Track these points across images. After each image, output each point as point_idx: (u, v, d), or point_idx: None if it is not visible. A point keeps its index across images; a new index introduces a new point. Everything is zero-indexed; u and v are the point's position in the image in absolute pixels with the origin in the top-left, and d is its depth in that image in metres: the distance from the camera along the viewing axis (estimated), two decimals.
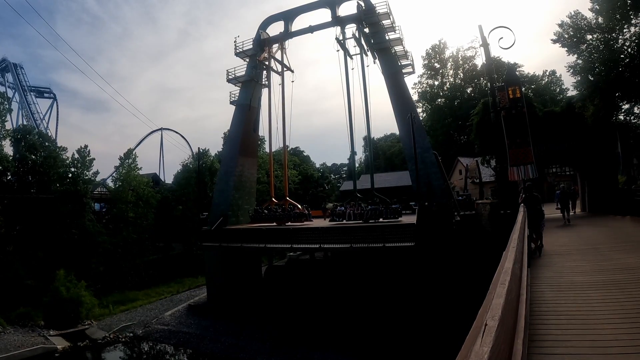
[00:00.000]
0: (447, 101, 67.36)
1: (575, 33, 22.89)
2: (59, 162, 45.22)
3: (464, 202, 32.20)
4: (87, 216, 44.46)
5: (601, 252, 12.89)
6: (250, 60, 38.14)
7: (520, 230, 7.04)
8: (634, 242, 14.26)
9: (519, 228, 7.18)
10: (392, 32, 33.51)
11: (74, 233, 42.08)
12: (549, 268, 11.26)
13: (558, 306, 7.77)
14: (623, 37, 22.74)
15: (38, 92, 77.26)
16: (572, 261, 11.92)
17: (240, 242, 31.35)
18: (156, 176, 74.05)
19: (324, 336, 25.87)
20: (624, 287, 8.66)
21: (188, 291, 41.61)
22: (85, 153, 46.52)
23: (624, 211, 22.55)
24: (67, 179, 45.02)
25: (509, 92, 13.52)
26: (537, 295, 8.62)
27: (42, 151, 44.78)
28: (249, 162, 38.67)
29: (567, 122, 27.98)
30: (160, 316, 34.47)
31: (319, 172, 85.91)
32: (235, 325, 29.77)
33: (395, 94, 31.51)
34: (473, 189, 44.48)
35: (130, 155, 50.97)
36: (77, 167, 45.90)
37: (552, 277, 10.15)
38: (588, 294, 8.49)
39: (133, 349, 29.91)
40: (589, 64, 22.66)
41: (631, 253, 12.20)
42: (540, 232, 13.63)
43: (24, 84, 74.86)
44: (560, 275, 10.39)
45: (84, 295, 34.25)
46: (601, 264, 11.12)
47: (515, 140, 13.81)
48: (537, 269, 11.28)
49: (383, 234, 26.11)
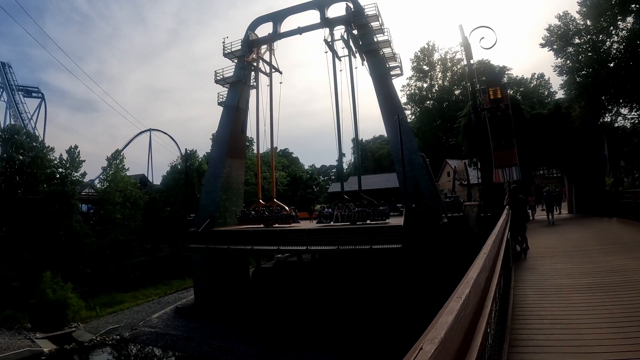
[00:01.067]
0: (435, 103, 67.24)
1: (563, 34, 22.69)
2: (46, 162, 44.45)
3: (452, 204, 32.01)
4: (74, 217, 43.63)
5: (588, 254, 12.60)
6: (239, 61, 37.63)
7: (498, 235, 6.70)
8: (620, 244, 13.99)
9: (496, 232, 6.83)
10: (380, 34, 33.20)
11: (61, 234, 41.32)
12: (533, 271, 10.95)
13: (542, 309, 7.45)
14: (610, 40, 22.61)
15: (26, 91, 76.13)
16: (557, 263, 11.62)
17: (227, 244, 30.90)
18: (144, 177, 73.27)
19: (313, 338, 25.54)
20: (611, 290, 8.37)
21: (175, 293, 40.87)
22: (75, 154, 45.67)
23: (610, 213, 22.33)
24: (54, 180, 44.12)
25: (490, 93, 13.20)
26: (520, 298, 8.30)
27: (30, 151, 43.97)
28: (236, 164, 38.16)
29: (554, 125, 27.76)
30: (147, 318, 33.96)
31: (307, 173, 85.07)
32: (223, 328, 29.46)
33: (383, 95, 31.20)
34: (461, 190, 44.28)
35: (118, 156, 50.16)
36: (66, 168, 45.07)
37: (536, 280, 9.83)
38: (573, 297, 8.18)
39: (120, 352, 29.36)
40: (576, 65, 22.47)
41: (618, 255, 11.92)
42: (525, 234, 13.35)
43: (12, 83, 73.65)
44: (545, 277, 10.08)
45: (70, 298, 33.64)
46: (587, 267, 10.82)
47: (500, 142, 13.52)
48: (522, 271, 10.96)
49: (370, 236, 25.83)
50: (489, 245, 5.01)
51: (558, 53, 23.30)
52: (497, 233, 6.00)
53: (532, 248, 13.60)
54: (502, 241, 7.36)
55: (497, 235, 6.93)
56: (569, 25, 22.85)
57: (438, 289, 23.83)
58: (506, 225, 9.06)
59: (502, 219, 9.71)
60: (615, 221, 20.91)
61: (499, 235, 7.39)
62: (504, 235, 7.26)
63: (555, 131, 27.74)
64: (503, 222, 9.35)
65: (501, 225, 7.63)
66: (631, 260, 10.95)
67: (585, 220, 23.42)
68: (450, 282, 3.62)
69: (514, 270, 10.63)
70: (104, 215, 47.24)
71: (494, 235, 6.78)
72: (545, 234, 18.56)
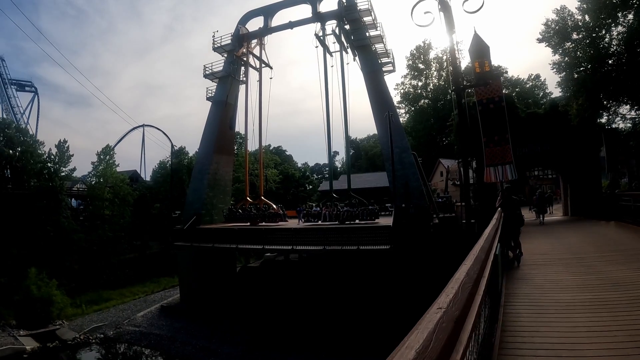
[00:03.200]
0: (430, 102, 65.64)
1: (561, 29, 21.31)
2: (35, 157, 43.18)
3: (444, 205, 30.70)
4: (62, 213, 42.33)
5: (587, 263, 11.15)
6: (228, 56, 36.23)
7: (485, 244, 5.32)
8: (621, 252, 12.51)
9: (482, 242, 5.43)
10: (373, 29, 31.77)
11: (49, 230, 40.17)
12: (527, 282, 9.51)
13: (536, 334, 6.04)
14: (610, 35, 21.26)
15: (19, 85, 74.10)
16: (554, 274, 10.17)
17: (212, 242, 29.60)
18: (136, 173, 71.97)
19: (299, 339, 24.66)
20: (615, 309, 6.97)
21: (163, 291, 39.76)
22: (64, 148, 44.37)
23: (608, 216, 20.89)
24: (43, 175, 42.80)
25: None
26: (512, 318, 6.87)
27: (20, 146, 42.80)
28: (224, 160, 36.76)
29: (550, 124, 26.42)
30: (132, 317, 33.10)
31: (300, 171, 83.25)
32: (207, 328, 28.65)
33: (374, 92, 29.82)
34: (454, 190, 43.08)
35: (108, 152, 48.70)
36: (54, 163, 43.75)
37: (530, 295, 8.39)
38: (573, 317, 6.78)
39: (103, 351, 28.47)
40: (574, 61, 21.04)
41: (620, 265, 10.47)
42: (518, 239, 11.92)
43: (4, 77, 71.49)
44: (541, 291, 8.63)
45: (55, 295, 32.88)
46: (587, 278, 9.38)
47: (493, 138, 11.80)
48: (514, 282, 9.53)
49: (358, 236, 24.63)
50: (472, 258, 3.71)
51: (555, 49, 21.91)
52: (478, 252, 4.49)
53: (526, 253, 12.13)
54: (492, 250, 5.97)
55: (485, 244, 5.54)
56: (567, 20, 21.48)
57: (426, 293, 22.57)
58: (495, 235, 7.56)
59: (491, 225, 8.23)
60: (613, 225, 19.48)
61: (488, 242, 5.98)
62: (491, 252, 5.74)
63: (551, 131, 26.43)
64: (493, 228, 7.93)
65: (487, 239, 6.10)
66: (635, 272, 9.54)
67: (582, 223, 22.00)
68: (439, 285, 2.85)
69: (505, 282, 9.23)
70: (92, 211, 46.03)
71: (479, 244, 5.40)
72: (540, 237, 17.07)
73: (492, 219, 9.81)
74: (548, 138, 26.84)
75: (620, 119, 25.27)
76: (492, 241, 6.30)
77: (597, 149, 25.81)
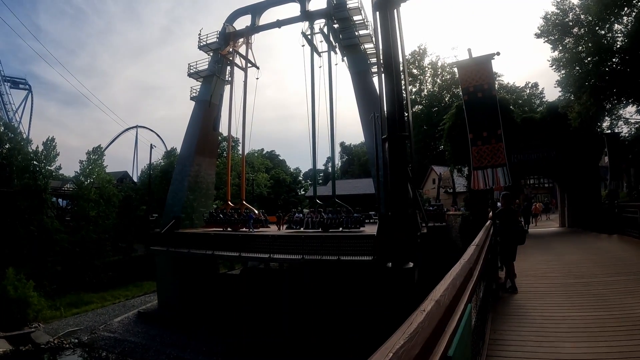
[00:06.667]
0: (424, 108, 62.87)
1: (561, 23, 18.90)
2: (23, 154, 41.12)
3: (435, 213, 28.35)
4: (45, 212, 40.19)
5: (595, 290, 8.49)
6: (214, 54, 34.13)
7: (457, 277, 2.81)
8: (633, 274, 9.81)
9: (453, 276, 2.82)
10: (363, 28, 29.47)
11: (32, 230, 38.10)
12: (520, 320, 6.85)
13: None
14: (612, 33, 18.86)
15: (13, 82, 71.19)
16: (555, 307, 7.52)
17: (188, 247, 27.32)
18: (126, 174, 69.67)
19: (276, 350, 23.06)
20: None
21: (144, 296, 37.68)
22: (51, 146, 42.18)
23: (609, 229, 18.35)
24: (27, 173, 40.49)
25: None
26: None
27: (7, 142, 40.72)
28: (206, 162, 34.44)
29: (547, 130, 24.03)
30: (109, 322, 31.43)
31: (291, 176, 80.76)
32: (184, 336, 27.06)
33: (362, 93, 27.60)
34: (446, 198, 40.71)
35: (98, 152, 46.39)
36: (40, 161, 41.43)
37: (524, 343, 5.77)
38: None
39: (75, 357, 26.92)
40: (576, 55, 18.54)
41: (636, 294, 7.95)
42: (512, 262, 9.20)
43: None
44: (539, 337, 5.92)
45: (31, 296, 31.11)
46: (600, 316, 6.77)
47: (481, 134, 9.20)
48: (504, 321, 6.85)
49: (339, 246, 22.30)
50: None
51: (555, 44, 19.50)
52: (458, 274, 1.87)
53: (519, 275, 9.41)
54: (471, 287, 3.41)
55: (457, 276, 3.01)
56: (568, 13, 19.06)
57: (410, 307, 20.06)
58: (479, 260, 4.86)
59: (473, 247, 5.57)
60: (617, 239, 16.90)
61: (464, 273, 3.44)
62: (473, 279, 3.02)
63: (548, 137, 24.10)
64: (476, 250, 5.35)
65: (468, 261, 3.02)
66: None
67: (582, 237, 19.41)
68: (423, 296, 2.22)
69: (491, 321, 6.66)
70: (77, 211, 43.76)
71: (448, 278, 2.90)
72: (535, 253, 14.41)
73: (477, 237, 7.22)
74: (544, 145, 24.47)
75: (624, 123, 22.94)
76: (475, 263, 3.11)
77: (597, 156, 23.47)
